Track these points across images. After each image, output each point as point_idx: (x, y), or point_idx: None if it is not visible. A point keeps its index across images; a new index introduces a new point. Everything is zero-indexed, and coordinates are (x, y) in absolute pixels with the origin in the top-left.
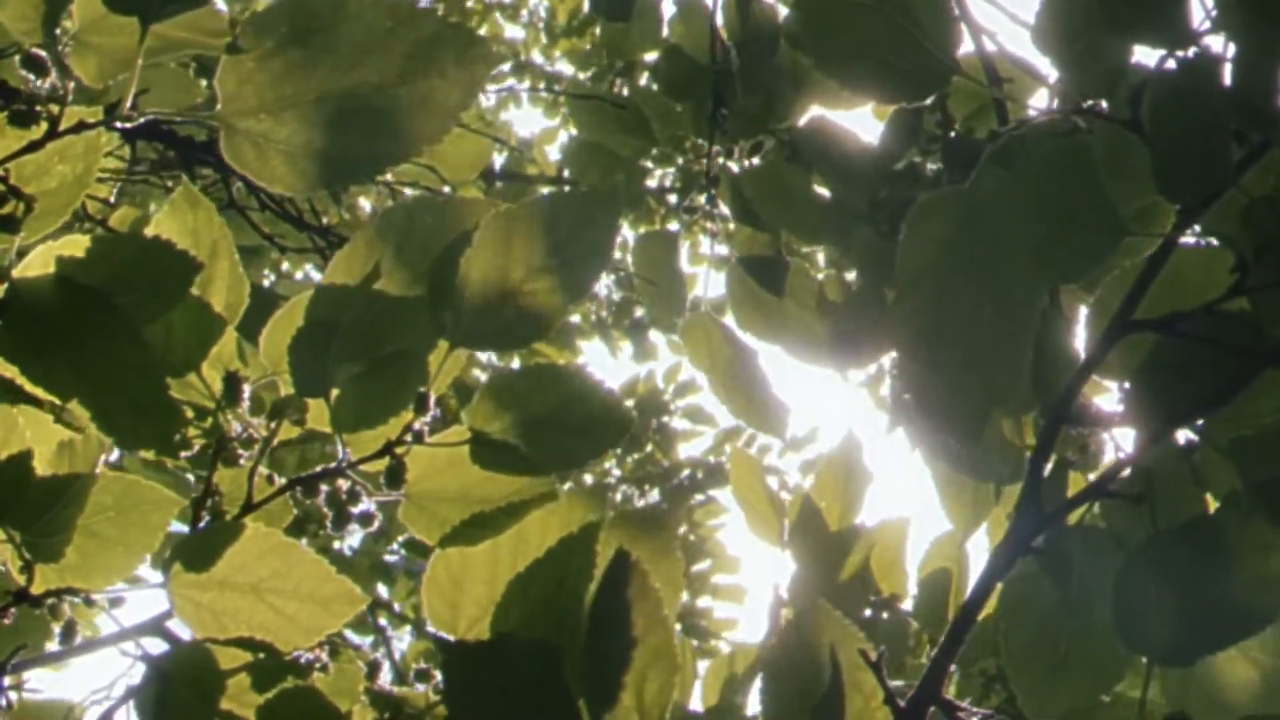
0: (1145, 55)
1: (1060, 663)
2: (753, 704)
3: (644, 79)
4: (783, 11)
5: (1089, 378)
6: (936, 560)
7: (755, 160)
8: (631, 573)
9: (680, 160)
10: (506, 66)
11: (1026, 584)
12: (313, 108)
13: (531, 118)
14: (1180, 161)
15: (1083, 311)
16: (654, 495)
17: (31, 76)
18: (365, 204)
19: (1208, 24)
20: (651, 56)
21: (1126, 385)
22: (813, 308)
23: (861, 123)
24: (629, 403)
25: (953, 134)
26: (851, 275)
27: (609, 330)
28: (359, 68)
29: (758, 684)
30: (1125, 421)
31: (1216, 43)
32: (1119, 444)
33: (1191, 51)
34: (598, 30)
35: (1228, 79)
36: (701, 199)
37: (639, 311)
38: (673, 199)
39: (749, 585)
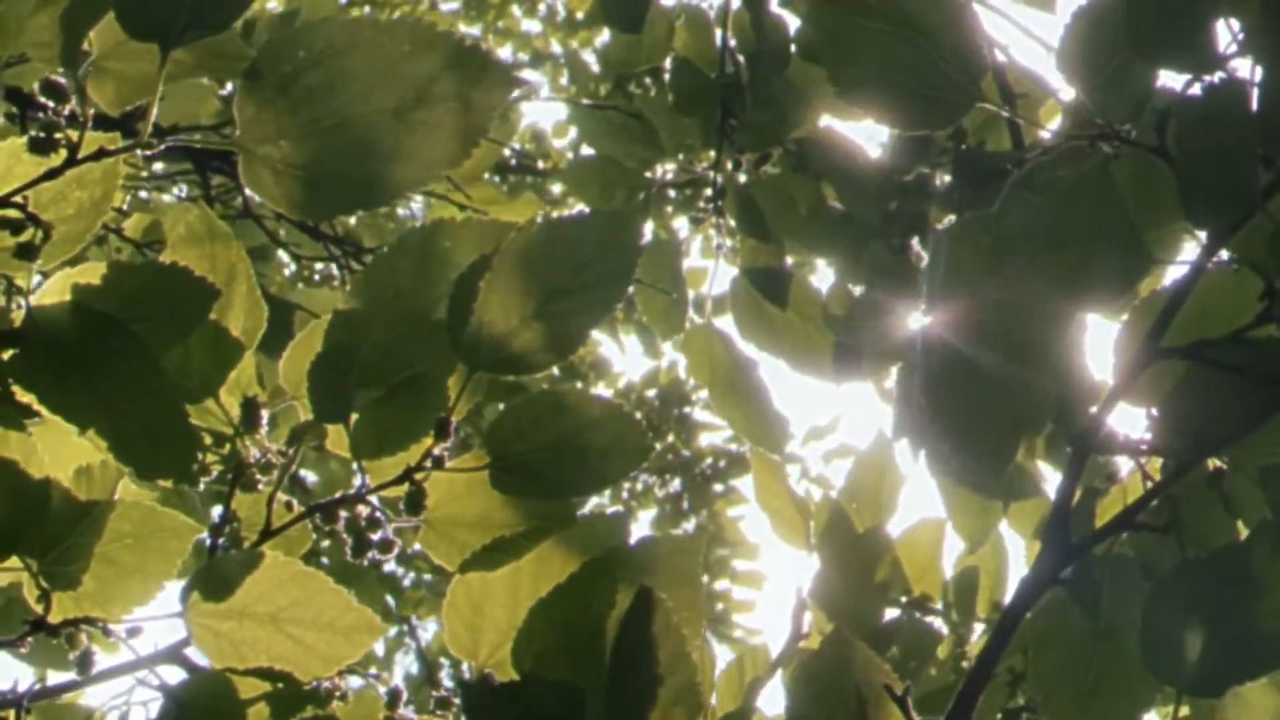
0: (1171, 80)
1: (1090, 690)
2: (766, 704)
3: (649, 86)
4: (793, 23)
5: (1117, 405)
6: (969, 558)
7: (763, 171)
8: (655, 609)
9: (687, 168)
10: (525, 58)
11: (1055, 611)
12: (331, 133)
13: (551, 108)
14: (1207, 187)
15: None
16: (675, 484)
17: (50, 103)
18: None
19: (1234, 48)
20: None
21: (1154, 412)
22: (816, 320)
23: (871, 132)
24: (650, 392)
25: (964, 146)
26: (857, 289)
27: (615, 328)
28: (377, 93)
29: (773, 684)
30: (1153, 449)
31: (1243, 67)
32: (1147, 472)
33: (1218, 76)
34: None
35: (1254, 104)
36: (709, 209)
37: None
38: (675, 197)
39: (769, 571)
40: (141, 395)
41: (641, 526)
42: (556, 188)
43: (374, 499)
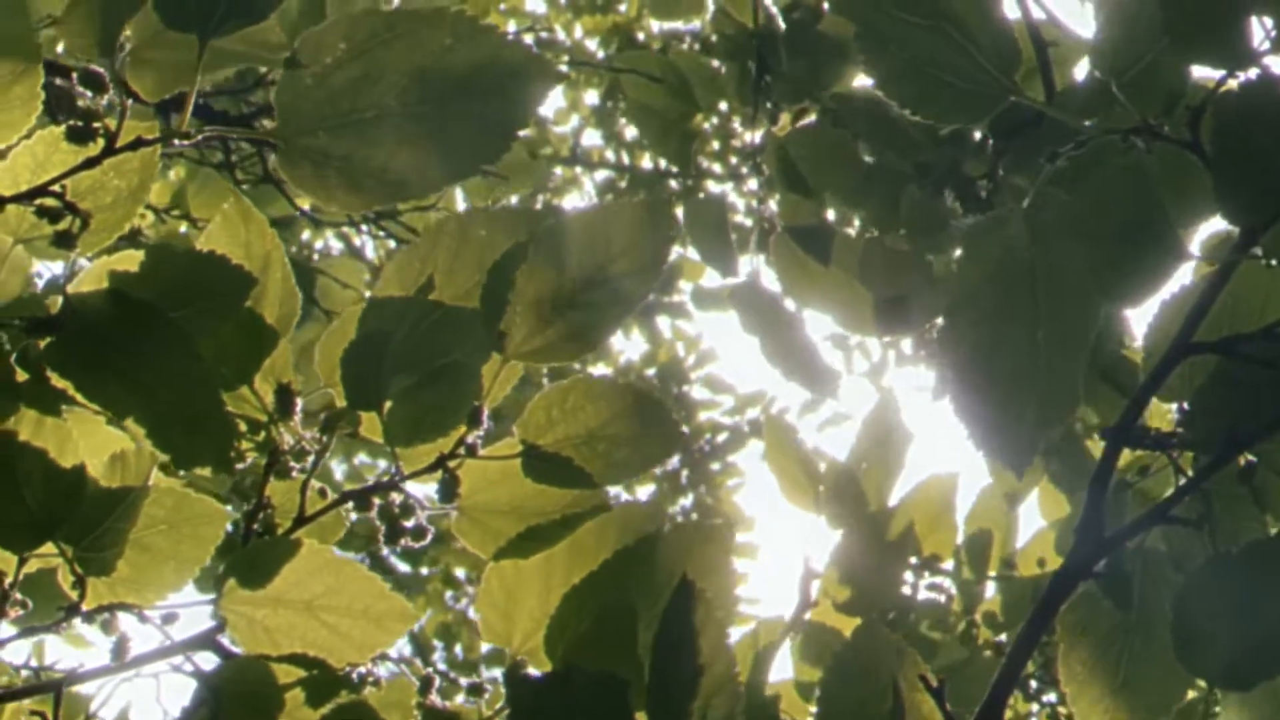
0: (1204, 77)
1: (1120, 684)
2: (776, 674)
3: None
4: None
5: (1150, 399)
6: (980, 511)
7: (801, 126)
8: (696, 601)
9: (725, 124)
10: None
11: (1087, 604)
12: (370, 125)
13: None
14: (1241, 183)
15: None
16: (674, 461)
17: (89, 93)
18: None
19: (1267, 44)
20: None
21: (1186, 407)
22: (858, 274)
23: None
24: (650, 371)
25: None
26: (893, 241)
27: None
28: (417, 86)
29: (783, 653)
30: (1185, 444)
31: (1276, 64)
32: (1179, 466)
33: (1252, 72)
34: (622, 7)
35: None
36: (749, 165)
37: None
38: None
39: (769, 545)
40: (179, 383)
41: None
42: (558, 170)
43: (407, 486)
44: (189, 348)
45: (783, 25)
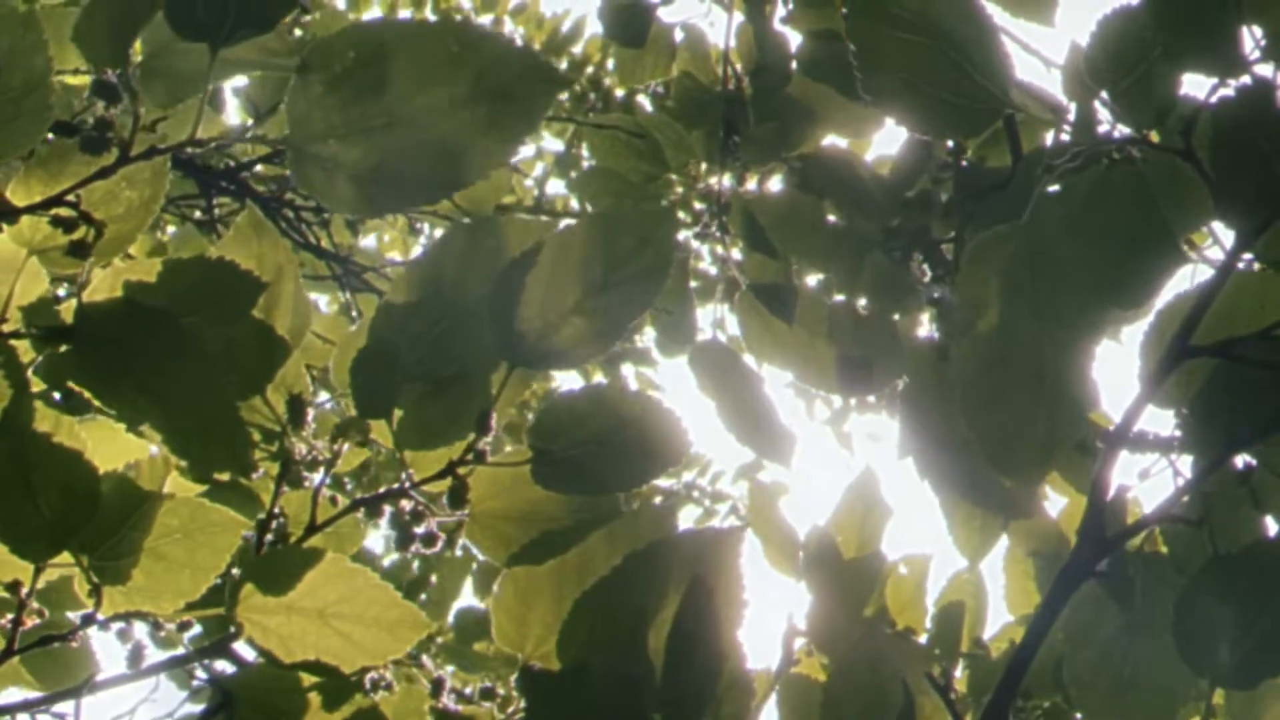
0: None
1: (1125, 686)
2: None
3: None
4: (794, 39)
5: (1147, 403)
6: (952, 594)
7: (767, 187)
8: (709, 599)
9: (691, 185)
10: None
11: (1091, 607)
12: (380, 132)
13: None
14: (1239, 187)
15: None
16: None
17: (102, 103)
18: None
19: (1257, 53)
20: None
21: (1184, 410)
22: (823, 334)
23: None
24: None
25: (964, 163)
26: (861, 302)
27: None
28: (425, 93)
29: (772, 704)
30: (1183, 447)
31: (1266, 72)
32: (1178, 469)
33: (1243, 80)
34: (575, 50)
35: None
36: (714, 224)
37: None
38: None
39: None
40: (193, 389)
41: None
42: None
43: (419, 495)
44: (204, 356)
45: (749, 88)
